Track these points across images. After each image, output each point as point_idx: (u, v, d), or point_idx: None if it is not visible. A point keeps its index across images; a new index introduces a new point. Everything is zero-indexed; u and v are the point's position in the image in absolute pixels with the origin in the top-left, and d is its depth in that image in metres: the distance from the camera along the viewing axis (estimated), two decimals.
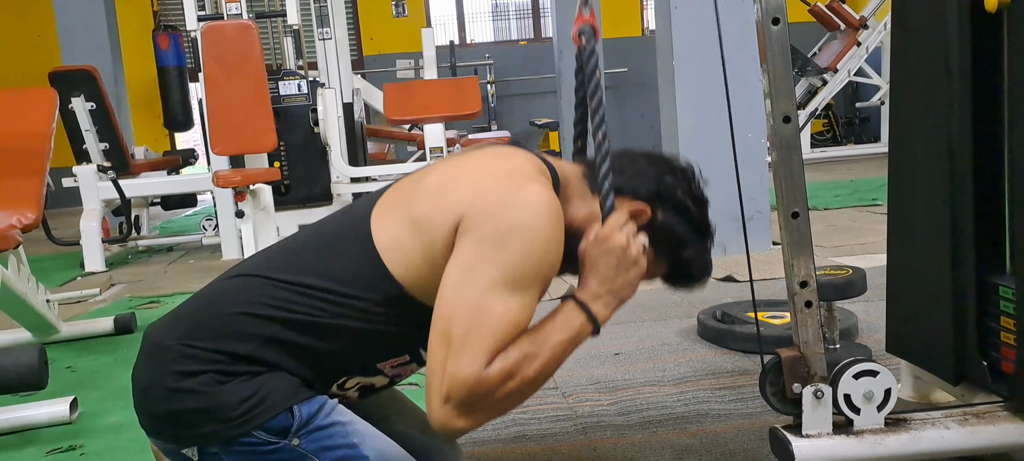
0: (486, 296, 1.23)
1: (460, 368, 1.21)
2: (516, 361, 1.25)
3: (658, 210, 1.44)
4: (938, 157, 1.61)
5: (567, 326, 1.34)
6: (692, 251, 1.48)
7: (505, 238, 1.25)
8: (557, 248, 1.30)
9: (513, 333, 1.25)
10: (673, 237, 1.45)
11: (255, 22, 4.95)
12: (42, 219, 3.11)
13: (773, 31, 1.42)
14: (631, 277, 1.37)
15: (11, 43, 10.26)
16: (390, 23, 10.92)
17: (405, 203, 1.36)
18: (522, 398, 1.29)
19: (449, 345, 1.23)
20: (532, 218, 1.26)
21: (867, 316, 2.77)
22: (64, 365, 3.04)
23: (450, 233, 1.28)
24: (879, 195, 5.87)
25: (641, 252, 1.37)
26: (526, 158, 1.40)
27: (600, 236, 1.36)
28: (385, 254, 1.32)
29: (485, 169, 1.36)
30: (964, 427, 1.51)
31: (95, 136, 5.75)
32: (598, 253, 1.35)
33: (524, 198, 1.27)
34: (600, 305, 1.36)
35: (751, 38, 1.66)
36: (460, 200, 1.29)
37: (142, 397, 1.35)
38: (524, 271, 1.26)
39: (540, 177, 1.36)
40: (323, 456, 1.31)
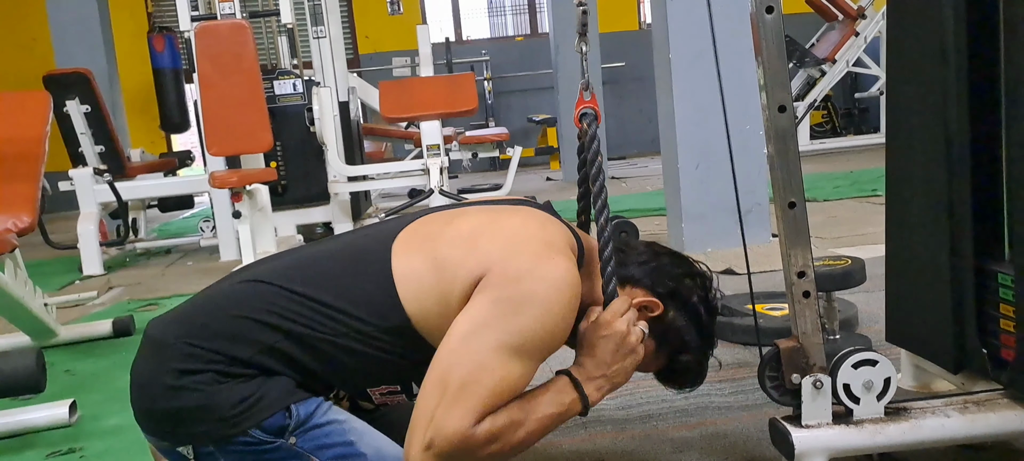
0: (491, 356, 1.25)
1: (449, 420, 1.23)
2: (503, 426, 1.27)
3: (670, 309, 1.47)
4: (935, 144, 1.60)
5: (558, 401, 1.36)
6: (692, 358, 1.52)
7: (523, 305, 1.28)
8: (568, 325, 1.34)
9: (508, 397, 1.28)
10: (678, 339, 1.50)
11: (249, 22, 4.94)
12: (39, 223, 3.10)
13: (767, 21, 1.42)
14: (627, 365, 1.41)
15: (4, 47, 10.24)
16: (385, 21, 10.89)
17: (432, 241, 1.38)
18: (501, 459, 1.30)
19: (444, 392, 1.24)
20: (553, 293, 1.29)
21: (867, 306, 2.76)
22: (63, 368, 3.03)
23: (471, 285, 1.30)
24: (878, 186, 5.86)
25: (640, 341, 1.41)
26: (560, 230, 1.43)
27: (601, 321, 1.40)
28: (401, 284, 1.34)
29: (520, 233, 1.38)
30: (964, 415, 1.51)
31: (91, 139, 5.74)
32: (597, 337, 1.39)
33: (550, 271, 1.30)
34: (593, 387, 1.39)
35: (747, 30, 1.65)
36: (488, 256, 1.32)
37: (140, 393, 1.35)
38: (532, 341, 1.29)
39: (568, 252, 1.39)
40: (320, 454, 1.31)
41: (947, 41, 1.54)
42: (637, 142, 11.12)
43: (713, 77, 1.60)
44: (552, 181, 8.67)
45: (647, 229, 4.89)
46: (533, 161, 10.50)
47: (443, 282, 1.32)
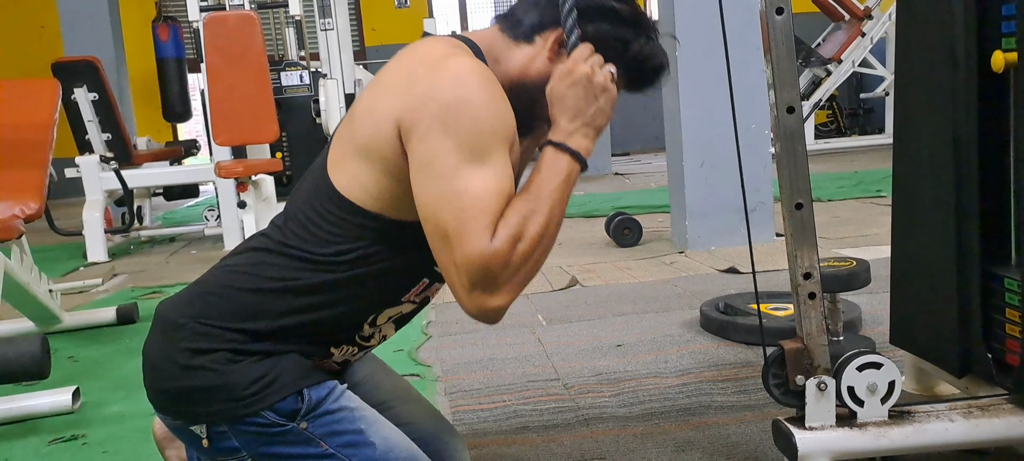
0: (456, 180, 1.21)
1: (467, 253, 1.19)
2: (518, 223, 1.23)
3: (586, 26, 1.38)
4: (943, 147, 1.60)
5: (554, 170, 1.30)
6: (638, 45, 1.43)
7: (446, 119, 1.22)
8: (502, 104, 1.27)
9: (500, 200, 1.23)
10: (612, 43, 1.40)
11: (257, 13, 4.94)
12: (45, 209, 3.11)
13: (777, 21, 1.41)
14: (602, 104, 1.34)
15: (14, 34, 10.26)
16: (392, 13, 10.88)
17: (348, 140, 1.35)
18: (542, 255, 1.26)
19: (448, 241, 1.21)
20: (461, 89, 1.23)
21: (871, 308, 2.76)
22: (66, 355, 3.04)
23: (396, 142, 1.26)
24: (883, 187, 5.85)
25: (609, 79, 1.34)
26: (436, 42, 1.38)
27: (562, 71, 1.33)
28: (353, 195, 1.31)
29: (401, 69, 1.33)
30: (968, 420, 1.50)
31: (98, 127, 5.75)
32: (564, 88, 1.32)
33: (447, 75, 1.25)
34: (578, 137, 1.32)
35: (755, 28, 1.65)
36: (390, 107, 1.27)
37: (152, 373, 1.36)
38: (479, 140, 1.23)
39: (455, 51, 1.33)
40: (330, 441, 1.32)
41: (956, 43, 1.54)
42: (641, 138, 11.11)
43: (719, 75, 1.60)
44: None
45: (650, 226, 4.89)
46: (536, 156, 10.47)
47: (378, 162, 1.29)
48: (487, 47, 1.40)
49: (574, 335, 2.80)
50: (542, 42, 1.39)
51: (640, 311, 3.06)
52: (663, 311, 3.04)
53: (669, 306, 3.11)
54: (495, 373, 2.45)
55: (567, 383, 2.32)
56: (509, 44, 1.41)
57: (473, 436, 1.99)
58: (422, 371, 2.51)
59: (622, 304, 3.19)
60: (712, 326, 2.70)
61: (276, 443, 1.31)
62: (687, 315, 2.94)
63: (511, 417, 2.10)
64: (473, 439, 1.97)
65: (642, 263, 4.01)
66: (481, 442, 1.96)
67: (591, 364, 2.47)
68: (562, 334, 2.82)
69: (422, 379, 2.43)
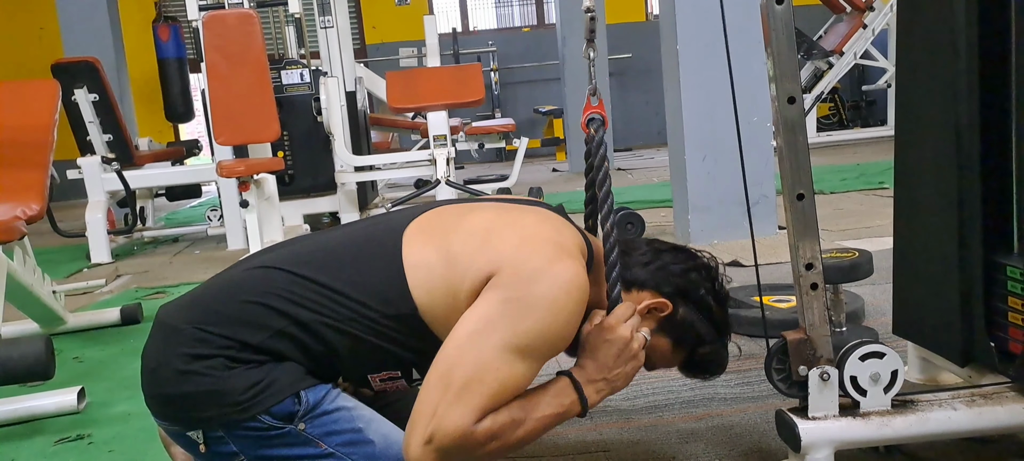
0: (496, 355, 1.26)
1: (451, 417, 1.24)
2: (503, 424, 1.28)
3: (680, 306, 1.48)
4: (945, 137, 1.60)
5: (558, 402, 1.37)
6: (710, 349, 1.52)
7: (531, 307, 1.28)
8: (574, 329, 1.36)
9: (510, 397, 1.29)
10: (692, 333, 1.50)
11: (256, 11, 4.94)
12: (47, 211, 3.11)
13: (777, 12, 1.41)
14: (628, 370, 1.42)
15: (13, 36, 10.26)
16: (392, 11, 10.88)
17: (445, 233, 1.39)
18: (499, 455, 1.31)
19: (447, 388, 1.25)
20: (562, 296, 1.30)
21: (874, 299, 2.76)
22: (71, 355, 3.04)
23: (481, 281, 1.31)
24: (885, 178, 5.85)
25: (641, 347, 1.41)
26: (571, 233, 1.44)
27: (605, 326, 1.40)
28: (411, 274, 1.34)
29: (533, 233, 1.38)
30: (971, 408, 1.50)
31: (99, 128, 5.75)
32: (601, 341, 1.40)
33: (560, 274, 1.31)
34: (593, 390, 1.40)
35: (755, 21, 1.65)
36: (500, 254, 1.32)
37: (151, 377, 1.36)
38: (538, 342, 1.30)
39: (578, 255, 1.39)
40: (328, 440, 1.32)
41: (958, 34, 1.54)
42: (643, 133, 11.10)
43: (721, 69, 1.60)
44: (558, 172, 8.66)
45: (653, 220, 4.88)
46: (539, 152, 10.49)
47: (453, 275, 1.33)
48: (598, 263, 1.46)
49: None
50: (636, 299, 1.47)
51: None
52: None
53: None
54: None
55: None
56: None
57: None
58: None
59: None
60: None
61: (275, 445, 1.32)
62: None
63: None
64: None
65: None
66: None
67: None
68: None
69: None
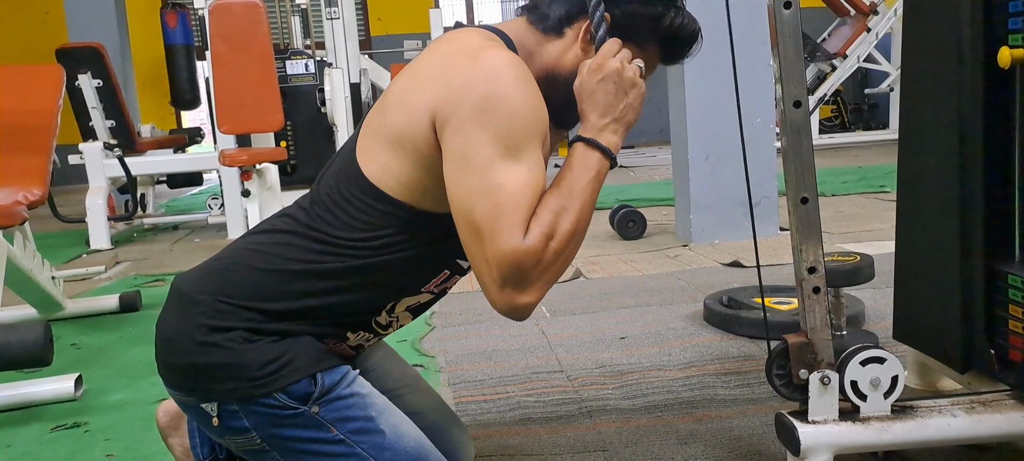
0: (491, 175, 1.21)
1: (500, 249, 1.20)
2: (551, 220, 1.23)
3: (614, 8, 1.39)
4: (948, 143, 1.60)
5: (585, 167, 1.30)
6: (669, 18, 1.43)
7: (482, 113, 1.22)
8: (536, 99, 1.27)
9: (533, 196, 1.23)
10: (643, 21, 1.41)
11: (263, 1, 4.93)
12: (48, 196, 3.11)
13: (784, 15, 1.41)
14: (632, 100, 1.34)
15: (18, 20, 10.25)
16: (398, 3, 10.89)
17: (379, 128, 1.35)
18: (572, 252, 1.27)
19: (480, 236, 1.22)
20: (498, 83, 1.23)
21: (874, 303, 2.76)
22: (69, 342, 3.04)
23: (430, 134, 1.26)
24: (887, 182, 5.85)
25: (637, 74, 1.34)
26: (471, 33, 1.38)
27: (593, 66, 1.33)
28: (382, 183, 1.32)
29: (437, 60, 1.33)
30: (971, 415, 1.50)
31: (102, 113, 5.75)
32: (594, 84, 1.32)
33: (483, 68, 1.25)
34: (608, 134, 1.33)
35: (760, 22, 1.64)
36: (425, 98, 1.27)
37: (167, 347, 1.35)
38: (515, 135, 1.23)
39: (491, 43, 1.34)
40: (340, 426, 1.32)
41: (963, 41, 1.53)
42: (646, 132, 11.10)
43: (724, 69, 1.60)
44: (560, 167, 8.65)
45: (655, 218, 4.89)
46: None
47: (410, 152, 1.29)
48: (519, 40, 1.40)
49: (578, 327, 2.80)
50: (573, 35, 1.40)
51: (644, 304, 3.06)
52: (666, 304, 3.04)
53: (673, 299, 3.11)
54: (499, 364, 2.45)
55: (570, 375, 2.32)
56: (539, 37, 1.41)
57: (476, 427, 1.99)
58: (426, 362, 2.52)
59: (626, 297, 3.19)
60: (715, 319, 2.70)
61: (287, 425, 1.31)
62: (691, 308, 2.94)
63: (514, 408, 2.10)
64: (476, 430, 1.97)
65: (646, 256, 4.01)
66: (484, 433, 1.96)
67: (594, 356, 2.47)
68: (566, 326, 2.82)
69: (426, 370, 2.43)
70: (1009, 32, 1.46)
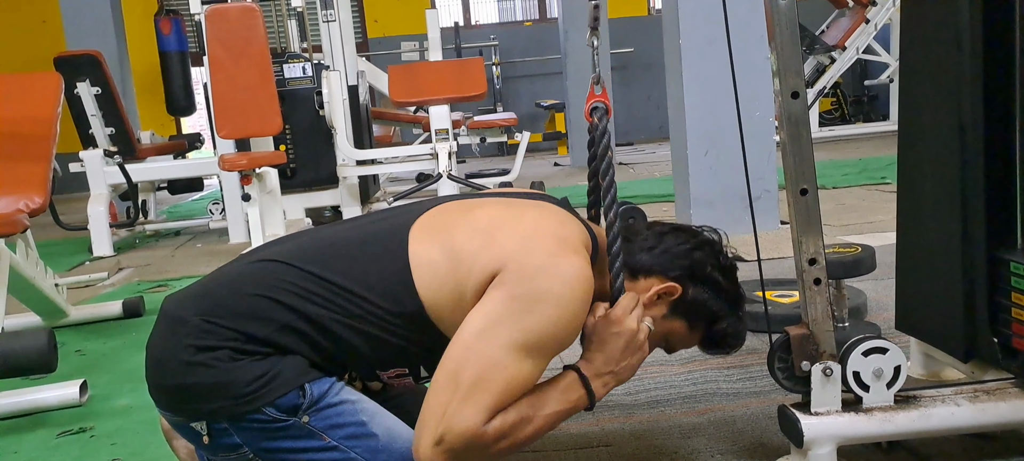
0: (504, 354, 1.26)
1: (461, 417, 1.24)
2: (513, 422, 1.28)
3: (689, 287, 1.47)
4: (948, 132, 1.60)
5: (565, 398, 1.37)
6: (726, 323, 1.51)
7: (537, 304, 1.28)
8: (581, 323, 1.35)
9: (518, 395, 1.29)
10: (705, 311, 1.49)
11: (259, 5, 4.93)
12: (49, 204, 3.11)
13: (781, 7, 1.41)
14: (634, 362, 1.42)
15: (16, 28, 10.26)
16: (394, 5, 10.89)
17: (449, 230, 1.38)
18: (509, 453, 1.32)
19: (456, 388, 1.25)
20: (567, 292, 1.29)
21: (876, 294, 2.76)
22: (73, 348, 3.05)
23: (486, 278, 1.31)
24: (888, 173, 5.84)
25: (647, 338, 1.41)
26: (576, 226, 1.43)
27: (612, 318, 1.39)
28: (416, 272, 1.34)
29: (537, 228, 1.38)
30: (974, 404, 1.50)
31: (101, 121, 5.75)
32: (607, 334, 1.39)
33: (565, 270, 1.30)
34: (600, 384, 1.40)
35: (758, 16, 1.64)
36: (504, 251, 1.31)
37: (155, 368, 1.36)
38: (545, 339, 1.29)
39: (583, 250, 1.38)
40: (332, 433, 1.33)
41: (962, 29, 1.54)
42: (645, 128, 11.10)
43: (723, 64, 1.60)
44: (560, 167, 8.65)
45: (655, 215, 4.87)
46: (541, 146, 10.47)
47: (459, 273, 1.32)
48: (602, 254, 1.45)
49: None
50: (644, 286, 1.46)
51: None
52: None
53: None
54: None
55: None
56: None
57: None
58: None
59: None
60: None
61: (279, 438, 1.32)
62: None
63: None
64: None
65: None
66: None
67: None
68: None
69: None
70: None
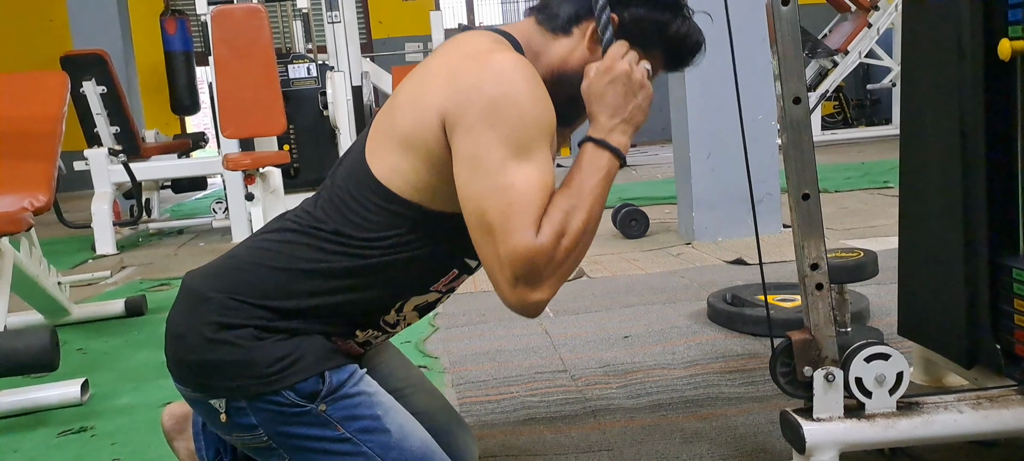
0: (501, 175, 1.23)
1: (513, 247, 1.22)
2: (561, 219, 1.25)
3: (621, 11, 1.40)
4: (950, 137, 1.59)
5: (595, 166, 1.32)
6: (675, 26, 1.46)
7: (492, 115, 1.24)
8: (544, 100, 1.29)
9: (544, 195, 1.25)
10: (650, 25, 1.43)
11: (264, 6, 4.94)
12: (54, 202, 3.12)
13: (783, 11, 1.41)
14: (640, 101, 1.36)
15: (22, 27, 10.28)
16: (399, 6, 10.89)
17: (389, 129, 1.36)
18: (583, 250, 1.29)
19: (493, 235, 1.23)
20: (507, 84, 1.25)
21: (879, 299, 2.75)
22: (75, 347, 3.05)
23: (440, 135, 1.28)
24: (890, 177, 5.84)
25: (645, 76, 1.36)
26: (479, 36, 1.39)
27: (602, 68, 1.35)
28: (392, 184, 1.33)
29: (446, 62, 1.35)
30: (977, 411, 1.50)
31: (106, 120, 5.77)
32: (603, 85, 1.34)
33: (492, 70, 1.27)
34: (618, 134, 1.34)
35: (760, 19, 1.64)
36: (435, 100, 1.29)
37: (177, 344, 1.36)
38: (524, 135, 1.25)
39: (498, 46, 1.35)
40: (347, 425, 1.33)
41: (963, 33, 1.53)
42: (648, 130, 11.06)
43: (725, 66, 1.60)
44: (563, 168, 8.65)
45: (657, 217, 4.88)
46: None
47: (420, 153, 1.31)
48: (525, 41, 1.42)
49: (581, 327, 2.80)
50: (580, 34, 1.42)
51: (647, 302, 3.06)
52: (670, 302, 3.04)
53: (676, 297, 3.11)
54: (502, 365, 2.45)
55: (574, 375, 2.32)
56: (547, 37, 1.43)
57: (480, 427, 1.99)
58: (429, 363, 2.52)
59: (629, 296, 3.19)
60: (719, 317, 2.70)
61: (293, 423, 1.32)
62: (694, 306, 2.94)
63: (518, 409, 2.10)
64: (480, 430, 1.97)
65: (649, 254, 4.01)
66: (488, 433, 1.96)
67: (598, 355, 2.47)
68: (569, 326, 2.82)
69: (429, 371, 2.43)
70: (1009, 24, 1.46)
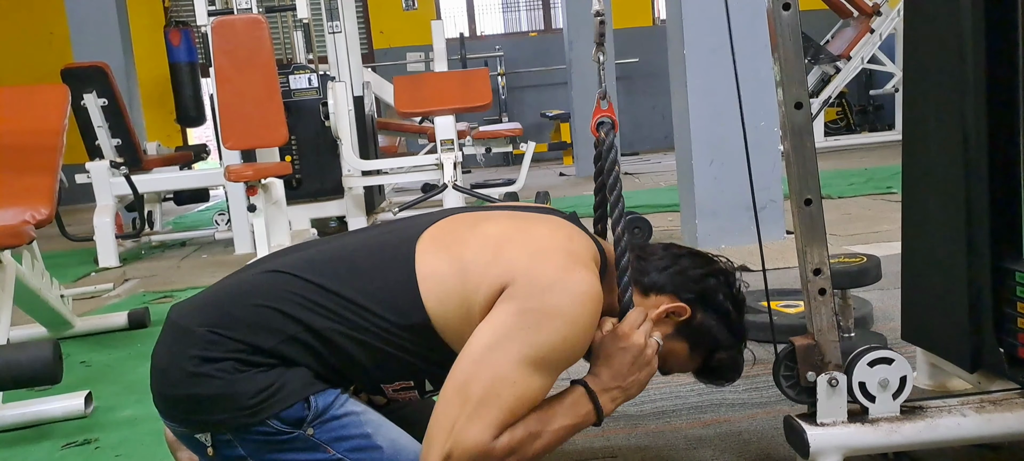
0: (513, 369, 1.26)
1: (469, 433, 1.24)
2: (521, 438, 1.28)
3: (698, 311, 1.47)
4: (952, 142, 1.59)
5: (573, 412, 1.37)
6: (726, 354, 1.53)
7: (547, 319, 1.28)
8: (590, 338, 1.36)
9: (527, 410, 1.29)
10: (709, 339, 1.50)
11: (265, 16, 4.95)
12: (56, 215, 3.12)
13: (784, 17, 1.41)
14: (642, 377, 1.42)
15: (23, 40, 10.31)
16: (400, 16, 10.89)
17: (458, 243, 1.38)
18: None
19: (464, 403, 1.25)
20: (576, 308, 1.29)
21: (882, 304, 2.75)
22: (79, 360, 3.05)
23: (494, 292, 1.31)
24: (893, 183, 5.83)
25: (655, 353, 1.41)
26: (585, 242, 1.43)
27: (619, 333, 1.39)
28: (424, 284, 1.34)
29: (546, 243, 1.38)
30: (981, 414, 1.50)
31: (107, 132, 5.77)
32: (615, 349, 1.39)
33: (574, 285, 1.30)
34: (607, 399, 1.40)
35: (762, 25, 1.64)
36: (513, 265, 1.31)
37: (160, 378, 1.36)
38: (554, 355, 1.29)
39: (592, 265, 1.38)
40: (337, 446, 1.32)
41: (965, 38, 1.53)
42: (650, 138, 11.10)
43: (728, 73, 1.60)
44: (565, 177, 8.66)
45: (660, 225, 4.88)
46: (546, 156, 10.49)
47: (467, 286, 1.32)
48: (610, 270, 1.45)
49: None
50: (653, 303, 1.47)
51: None
52: None
53: None
54: None
55: None
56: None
57: None
58: None
59: None
60: None
61: (283, 450, 1.32)
62: None
63: None
64: None
65: None
66: None
67: None
68: None
69: None
70: None
